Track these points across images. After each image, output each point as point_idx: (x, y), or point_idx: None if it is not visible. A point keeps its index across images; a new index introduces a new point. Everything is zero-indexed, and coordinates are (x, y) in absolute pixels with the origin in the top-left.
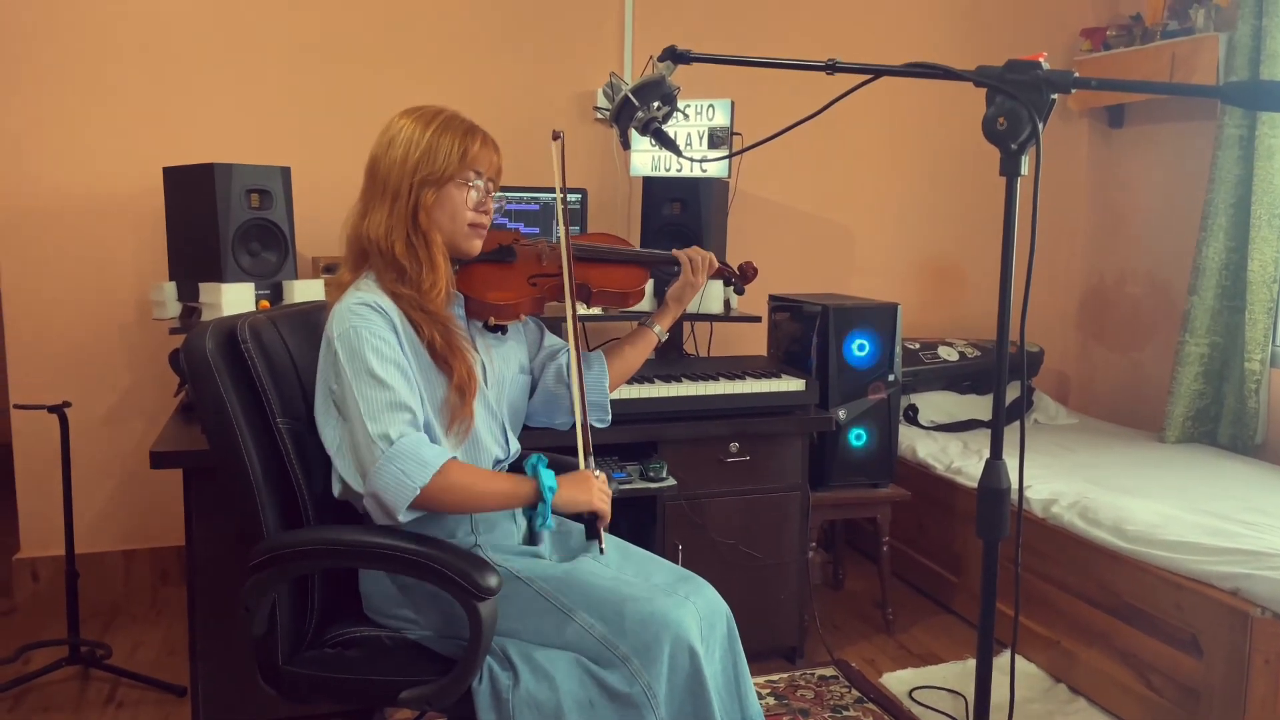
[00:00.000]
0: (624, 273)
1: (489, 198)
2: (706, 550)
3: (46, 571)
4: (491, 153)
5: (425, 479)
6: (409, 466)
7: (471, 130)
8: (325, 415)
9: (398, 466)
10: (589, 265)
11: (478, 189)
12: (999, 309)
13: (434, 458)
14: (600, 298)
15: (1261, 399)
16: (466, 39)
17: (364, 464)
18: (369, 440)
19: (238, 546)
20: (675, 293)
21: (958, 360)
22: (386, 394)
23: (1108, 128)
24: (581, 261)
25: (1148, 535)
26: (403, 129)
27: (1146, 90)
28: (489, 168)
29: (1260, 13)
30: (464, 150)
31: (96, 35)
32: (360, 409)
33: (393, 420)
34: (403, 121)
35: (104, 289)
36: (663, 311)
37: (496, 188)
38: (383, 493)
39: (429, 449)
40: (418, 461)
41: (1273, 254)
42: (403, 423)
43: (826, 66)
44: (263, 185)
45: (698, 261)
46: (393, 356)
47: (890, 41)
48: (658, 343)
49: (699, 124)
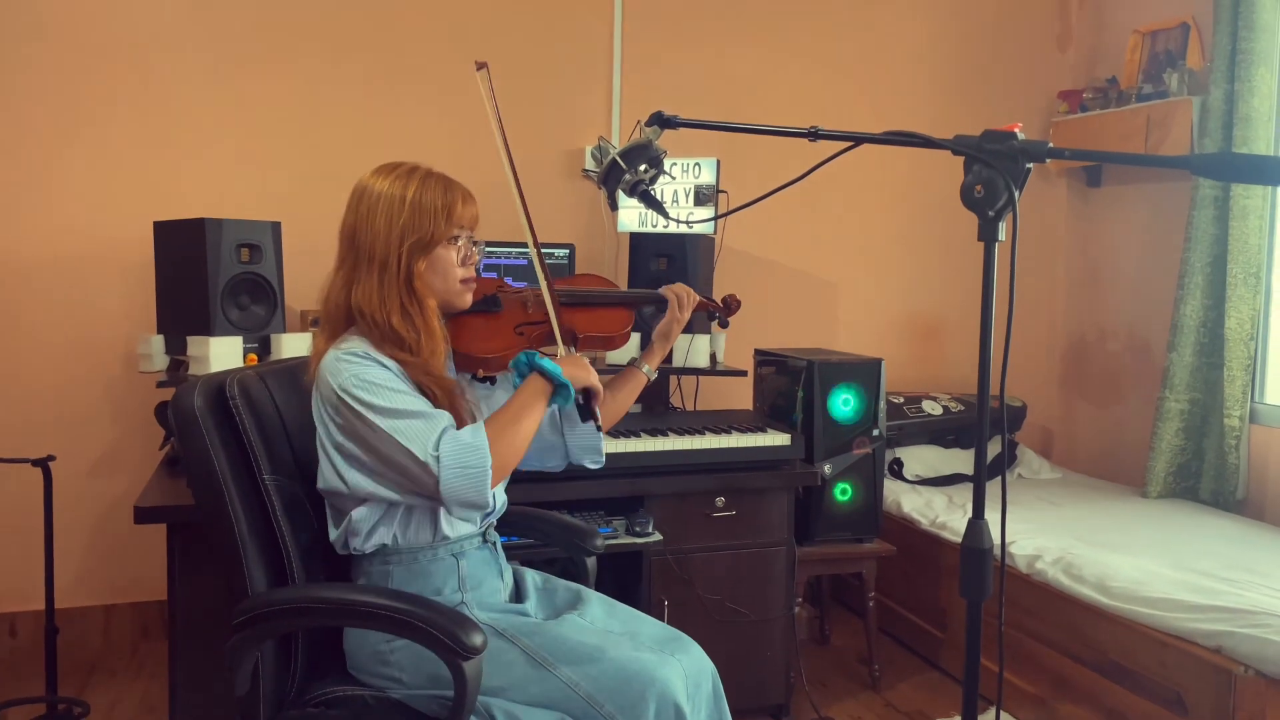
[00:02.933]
0: (609, 315)
1: (473, 250)
2: (692, 606)
3: (25, 626)
4: (472, 205)
5: (487, 458)
6: (468, 458)
7: (450, 186)
8: (334, 473)
9: (459, 466)
10: (574, 310)
11: (463, 245)
12: (979, 373)
13: (475, 438)
14: (586, 342)
15: (1242, 455)
16: (456, 97)
17: (428, 489)
18: (420, 465)
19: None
20: (662, 330)
21: (941, 414)
22: (409, 419)
23: (1086, 187)
24: (566, 306)
25: (1131, 592)
26: (381, 192)
27: (1119, 161)
28: (470, 221)
29: (1232, 77)
30: (448, 209)
31: (89, 89)
32: (398, 441)
33: (429, 436)
34: (378, 183)
35: (91, 341)
36: (650, 351)
37: (475, 238)
38: (463, 494)
39: (465, 434)
40: (471, 450)
41: (1249, 312)
42: (436, 433)
43: (809, 134)
44: (253, 240)
45: (683, 297)
46: (396, 386)
47: (874, 97)
48: (647, 382)
49: (685, 182)
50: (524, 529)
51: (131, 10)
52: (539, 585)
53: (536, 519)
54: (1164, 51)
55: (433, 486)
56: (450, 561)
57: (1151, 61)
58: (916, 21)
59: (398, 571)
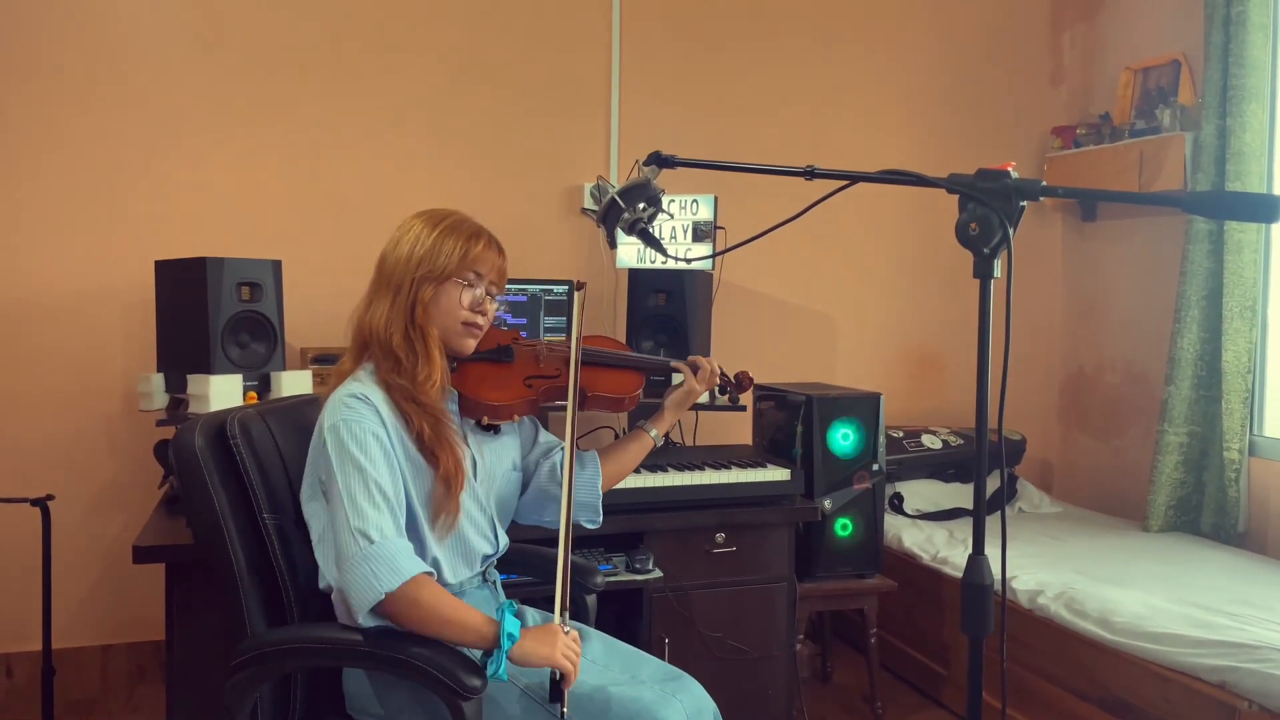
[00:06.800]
0: (621, 378)
1: (489, 300)
2: (693, 643)
3: (22, 667)
4: (495, 255)
5: (393, 585)
6: (380, 569)
7: (477, 233)
8: (312, 503)
9: (370, 567)
10: (586, 369)
11: (476, 289)
12: (977, 407)
13: (408, 567)
14: (595, 402)
15: (1242, 488)
16: (458, 134)
17: (340, 556)
18: (349, 533)
19: (219, 643)
20: (676, 400)
21: (941, 448)
22: (372, 490)
23: (1080, 221)
24: (580, 365)
25: (1134, 627)
26: (413, 228)
27: (1112, 199)
28: (490, 270)
29: (1224, 113)
30: (465, 251)
31: (91, 128)
32: (344, 501)
33: (376, 519)
34: (414, 221)
35: (91, 380)
36: (659, 417)
37: (501, 291)
38: (349, 589)
39: (406, 558)
40: (390, 567)
41: (1246, 345)
42: (386, 524)
43: (805, 172)
44: (254, 278)
45: (703, 370)
46: (381, 452)
47: (869, 134)
48: (653, 446)
49: (684, 218)
50: (524, 567)
51: (133, 51)
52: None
53: (536, 556)
54: (1156, 87)
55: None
56: None
57: (1144, 97)
58: (911, 60)
59: None
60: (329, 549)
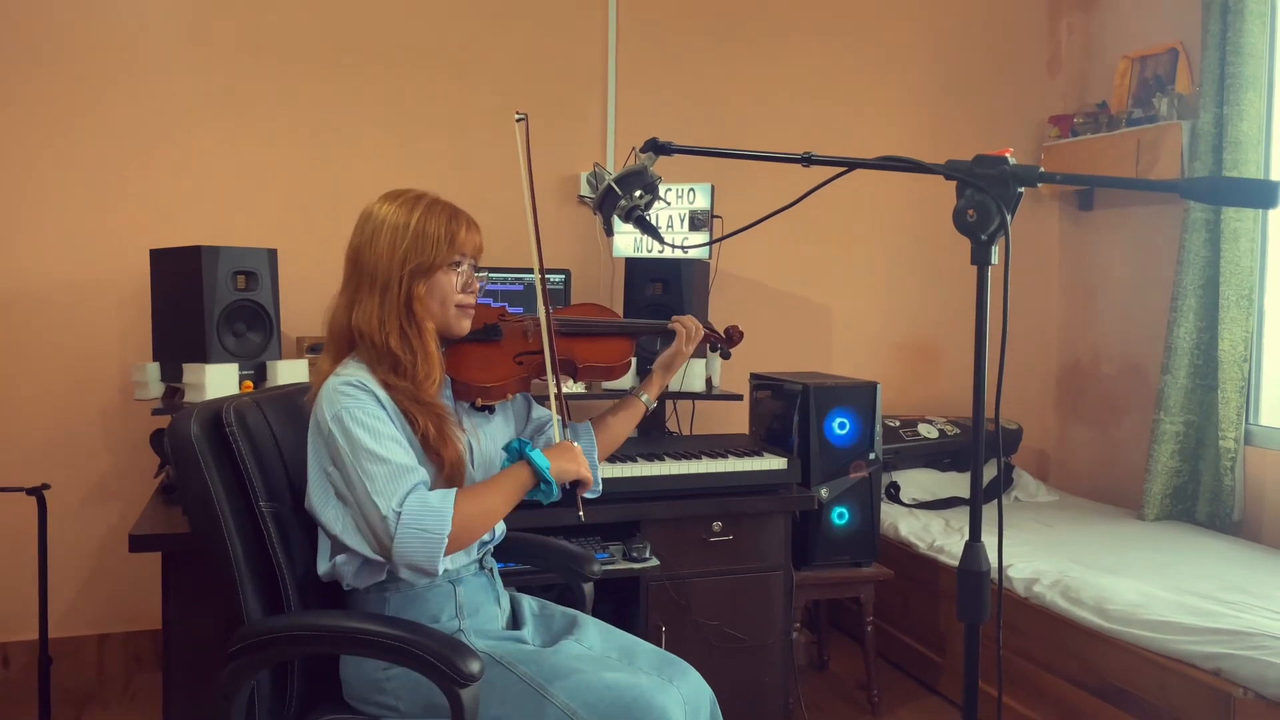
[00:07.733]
0: (610, 345)
1: (474, 277)
2: (690, 631)
3: (18, 657)
4: (475, 234)
5: (447, 526)
6: (427, 522)
7: (455, 214)
8: (324, 497)
9: (417, 527)
10: (574, 339)
11: (464, 271)
12: (974, 396)
13: (442, 503)
14: (586, 372)
15: (1237, 476)
16: (453, 121)
17: (383, 541)
18: (381, 518)
19: (215, 632)
20: (664, 361)
21: (937, 437)
22: (387, 468)
23: (1078, 210)
24: (566, 336)
25: (1130, 615)
26: (385, 218)
27: (1109, 184)
28: (473, 249)
29: (1221, 101)
30: (451, 236)
31: (86, 116)
32: (367, 488)
33: (397, 491)
34: (384, 209)
35: (86, 369)
36: (650, 380)
37: (478, 261)
38: (414, 556)
39: (433, 497)
40: (432, 514)
41: (1242, 334)
42: (406, 489)
43: (802, 159)
44: (249, 267)
45: (690, 329)
46: (387, 431)
47: (867, 122)
48: (646, 411)
49: (680, 207)
50: (521, 555)
51: (128, 38)
52: (536, 611)
53: (533, 545)
54: (1153, 76)
55: (388, 544)
56: (447, 588)
57: (1141, 86)
58: (908, 49)
59: (394, 599)
60: (363, 537)
